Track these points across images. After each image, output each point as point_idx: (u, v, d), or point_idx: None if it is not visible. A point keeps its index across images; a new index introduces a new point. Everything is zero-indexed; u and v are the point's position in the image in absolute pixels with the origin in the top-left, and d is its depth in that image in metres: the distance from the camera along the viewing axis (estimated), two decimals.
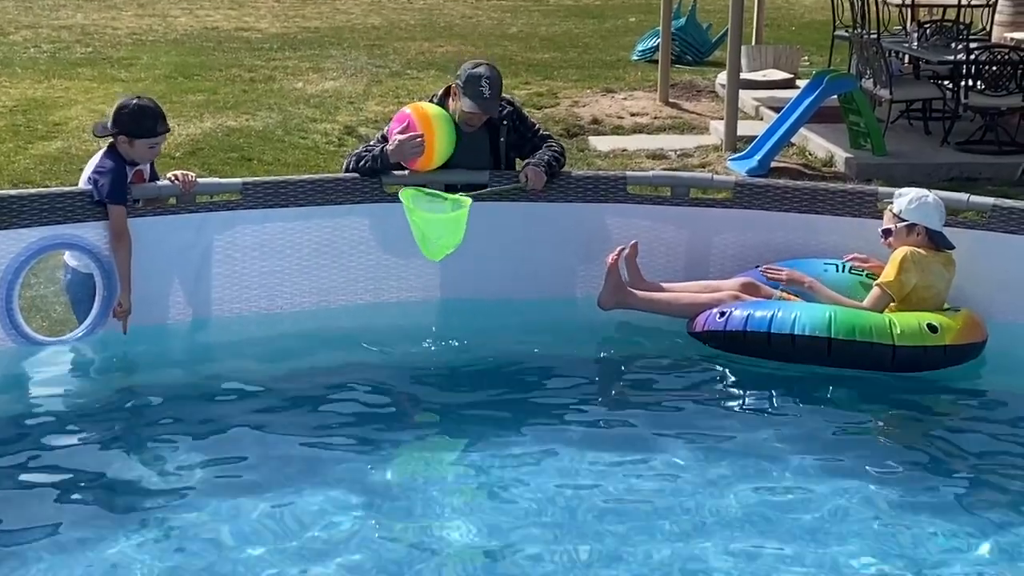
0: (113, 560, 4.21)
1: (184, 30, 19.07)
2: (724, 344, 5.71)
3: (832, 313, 5.48)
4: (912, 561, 4.26)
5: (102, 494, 4.69)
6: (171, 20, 20.17)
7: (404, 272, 6.23)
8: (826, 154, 10.92)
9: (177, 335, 5.94)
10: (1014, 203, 6.00)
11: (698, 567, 4.22)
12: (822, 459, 4.97)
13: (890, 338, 5.42)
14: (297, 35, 18.77)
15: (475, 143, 6.14)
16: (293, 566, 4.18)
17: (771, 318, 5.53)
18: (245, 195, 6.01)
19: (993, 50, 11.19)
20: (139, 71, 15.22)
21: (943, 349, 5.49)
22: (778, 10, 21.14)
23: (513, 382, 5.76)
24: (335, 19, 20.91)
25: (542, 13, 22.06)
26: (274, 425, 5.23)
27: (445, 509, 4.60)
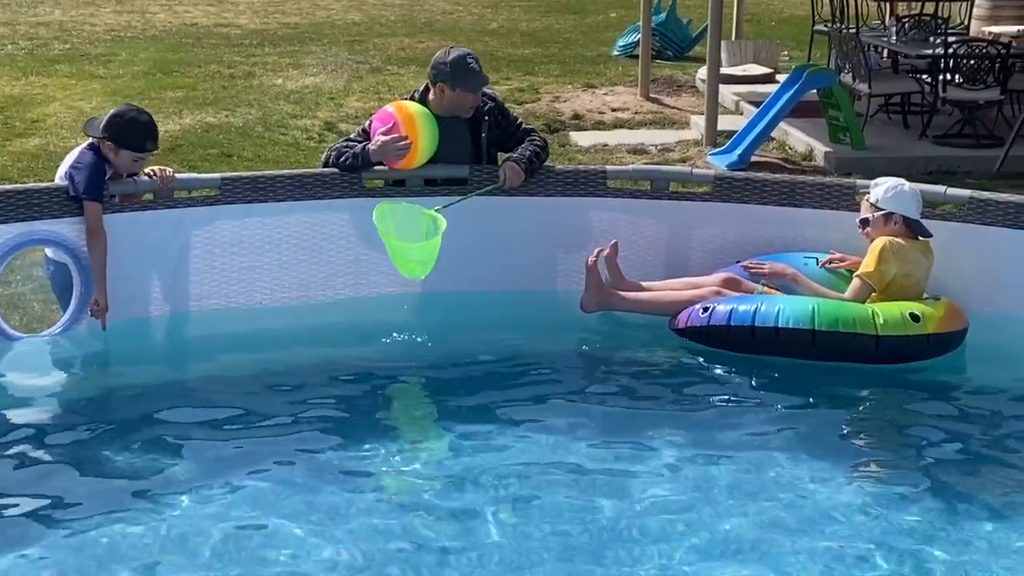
0: (94, 553, 4.20)
1: (163, 26, 19.02)
2: (707, 339, 5.71)
3: (815, 305, 5.49)
4: (898, 551, 4.26)
5: (80, 488, 4.67)
6: (150, 16, 20.11)
7: (384, 266, 6.20)
8: (806, 148, 10.95)
9: (156, 330, 5.93)
10: (991, 195, 6.03)
11: (679, 560, 4.22)
12: (810, 453, 4.97)
13: (873, 328, 5.45)
14: (277, 31, 18.74)
15: (457, 137, 6.14)
16: (273, 561, 4.17)
17: (755, 311, 5.54)
18: (224, 191, 6.00)
19: (971, 44, 11.24)
20: (118, 68, 15.16)
21: (926, 338, 5.52)
22: (758, 5, 21.19)
23: (494, 375, 5.75)
24: (315, 15, 20.87)
25: (523, 8, 22.06)
26: (254, 419, 5.22)
27: (427, 501, 4.58)
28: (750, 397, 5.57)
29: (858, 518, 4.48)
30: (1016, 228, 5.84)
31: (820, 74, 10.92)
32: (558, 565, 4.16)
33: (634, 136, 11.72)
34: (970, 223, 5.90)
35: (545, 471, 4.82)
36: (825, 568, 4.15)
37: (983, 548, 4.28)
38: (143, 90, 13.54)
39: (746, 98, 12.80)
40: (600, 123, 12.38)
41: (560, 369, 5.83)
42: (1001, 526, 4.42)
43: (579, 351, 6.06)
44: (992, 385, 5.69)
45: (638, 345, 5.96)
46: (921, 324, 5.49)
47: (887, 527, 4.40)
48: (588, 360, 6.02)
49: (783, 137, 11.37)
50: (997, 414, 5.43)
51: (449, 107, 6.12)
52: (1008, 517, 4.49)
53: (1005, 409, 5.47)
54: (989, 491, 4.70)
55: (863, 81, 11.26)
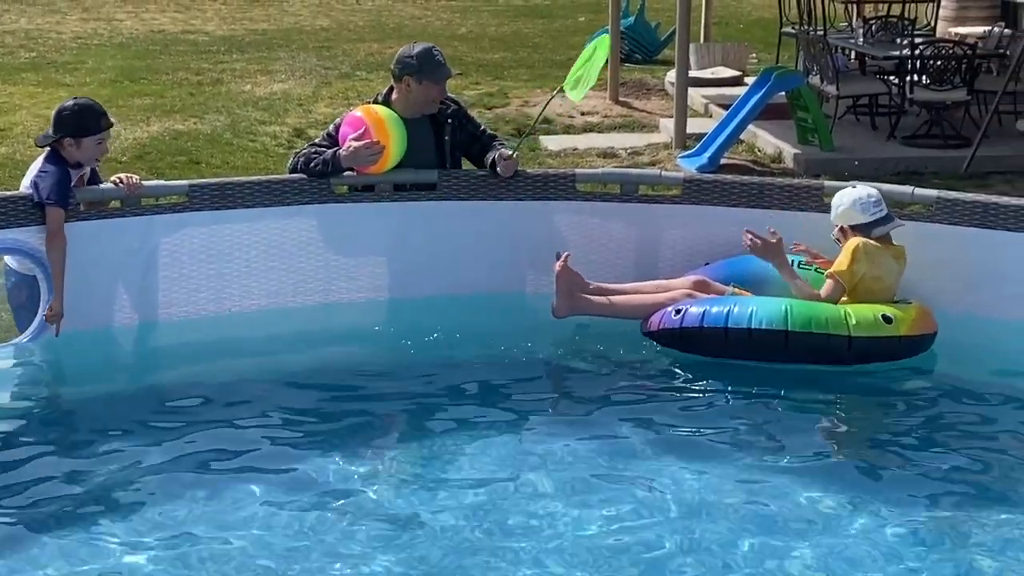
0: (56, 567, 4.17)
1: (130, 33, 18.94)
2: (680, 342, 5.71)
3: (788, 306, 5.50)
4: (866, 552, 4.27)
5: (47, 500, 4.62)
6: (116, 24, 20.03)
7: (354, 272, 6.22)
8: (775, 150, 11.00)
9: (124, 339, 5.90)
10: (958, 195, 6.06)
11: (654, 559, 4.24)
12: (790, 455, 4.99)
13: (846, 329, 5.46)
14: (245, 37, 18.69)
15: (421, 139, 6.13)
16: (247, 569, 4.15)
17: (727, 313, 5.54)
18: (192, 197, 5.98)
19: (937, 45, 11.32)
20: (84, 75, 15.09)
21: (898, 340, 5.55)
22: (726, 8, 21.28)
23: (465, 380, 5.72)
24: (283, 21, 20.84)
25: (491, 13, 22.08)
26: (224, 427, 5.18)
27: (396, 505, 4.57)
28: (722, 401, 5.56)
29: (837, 522, 4.47)
30: (983, 227, 5.88)
31: (788, 76, 10.97)
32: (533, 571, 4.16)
33: (604, 140, 11.75)
34: (938, 223, 5.93)
35: (516, 477, 4.81)
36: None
37: (960, 548, 4.30)
38: (110, 98, 13.46)
39: (715, 101, 12.84)
40: (570, 127, 12.39)
41: (531, 372, 5.82)
42: (975, 520, 4.45)
43: (550, 354, 6.03)
44: (962, 384, 5.69)
45: (609, 348, 5.95)
46: (893, 326, 5.51)
47: (863, 528, 4.41)
48: (559, 364, 6.01)
49: (752, 139, 11.41)
50: (969, 413, 5.46)
51: (415, 104, 6.11)
52: (982, 510, 4.53)
53: (976, 408, 5.49)
54: (966, 489, 4.74)
55: (831, 83, 11.32)
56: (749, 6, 22.54)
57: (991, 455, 5.02)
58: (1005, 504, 4.60)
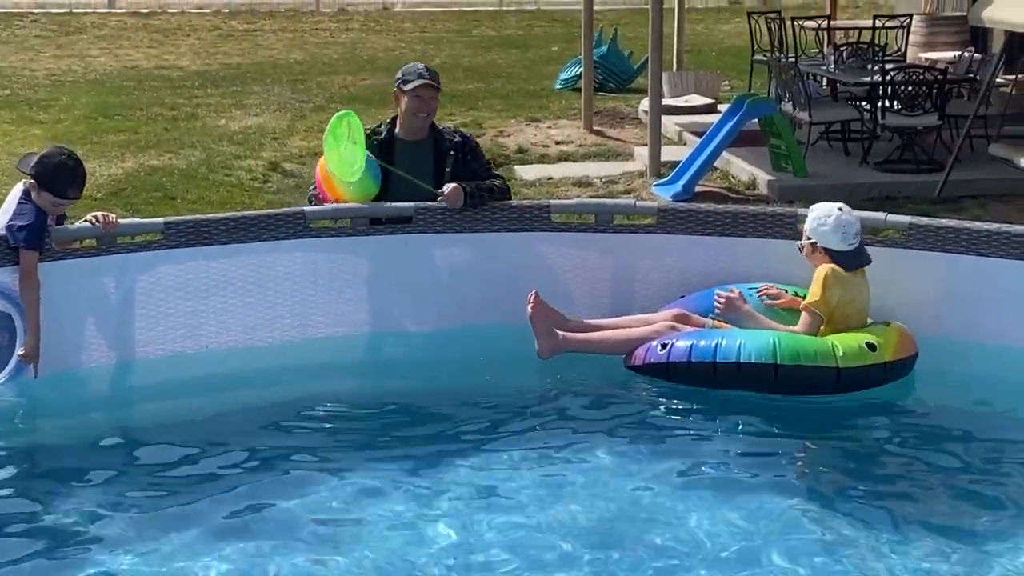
0: None
1: (104, 70, 18.91)
2: (667, 375, 5.69)
3: (776, 339, 5.51)
4: None
5: (23, 539, 4.60)
6: (90, 60, 20.00)
7: (331, 307, 6.22)
8: (749, 177, 11.04)
9: (100, 379, 5.88)
10: (930, 221, 6.12)
11: None
12: (780, 481, 5.03)
13: (833, 360, 5.47)
14: (219, 72, 18.69)
15: (419, 166, 6.19)
16: None
17: (715, 347, 5.54)
18: (167, 235, 5.98)
19: (908, 70, 11.39)
20: (58, 112, 15.05)
21: (883, 366, 5.57)
22: (698, 36, 21.41)
23: (444, 413, 5.72)
24: (257, 55, 20.84)
25: (465, 44, 22.16)
26: (202, 465, 5.17)
27: (376, 544, 4.55)
28: (705, 427, 5.56)
29: (818, 547, 4.49)
30: (956, 252, 5.93)
31: (761, 104, 11.02)
32: None
33: (579, 169, 11.78)
34: (911, 248, 5.99)
35: (499, 505, 4.82)
36: None
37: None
38: (84, 134, 13.44)
39: (688, 128, 12.89)
40: (544, 156, 12.43)
41: (510, 405, 5.81)
42: (962, 542, 4.48)
43: (530, 386, 6.02)
44: (939, 404, 5.75)
45: (590, 378, 5.95)
46: (878, 353, 5.54)
47: (853, 554, 4.42)
48: (539, 396, 5.98)
49: (726, 167, 11.46)
50: (943, 433, 5.51)
51: (408, 118, 6.21)
52: (967, 532, 4.58)
53: (955, 430, 5.54)
54: (950, 511, 4.78)
55: (803, 110, 11.39)
56: (721, 34, 22.69)
57: (983, 478, 5.09)
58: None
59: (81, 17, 25.87)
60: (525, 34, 23.64)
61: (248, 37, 23.15)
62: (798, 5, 23.80)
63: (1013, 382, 5.81)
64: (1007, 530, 4.62)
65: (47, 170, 5.58)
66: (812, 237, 5.75)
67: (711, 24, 24.13)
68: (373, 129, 6.33)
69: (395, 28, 24.68)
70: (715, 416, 5.59)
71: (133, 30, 24.00)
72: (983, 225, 6.05)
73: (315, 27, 24.61)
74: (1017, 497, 4.87)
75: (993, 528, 4.64)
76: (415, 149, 6.24)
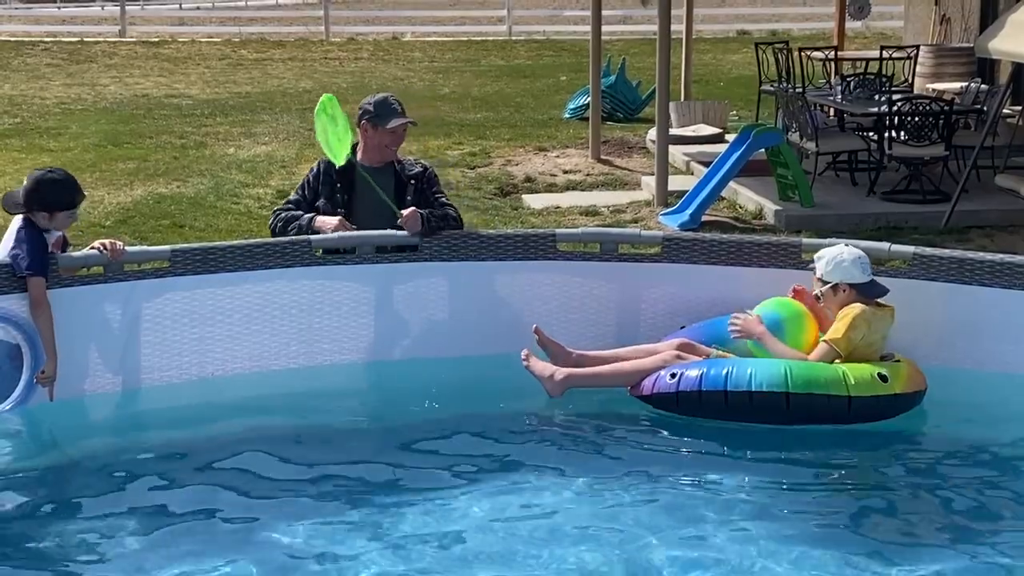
0: None
1: (114, 98, 19.03)
2: (676, 406, 5.67)
3: (787, 367, 5.49)
4: None
5: (32, 564, 4.62)
6: (100, 88, 20.12)
7: (337, 335, 6.24)
8: (756, 207, 11.07)
9: (107, 406, 5.90)
10: (934, 251, 6.14)
11: None
12: (788, 512, 5.03)
13: (845, 389, 5.46)
14: (228, 100, 18.79)
15: (376, 196, 6.19)
16: None
17: (727, 376, 5.52)
18: (174, 262, 6.01)
19: (915, 101, 11.42)
20: (68, 140, 15.15)
21: (894, 398, 5.57)
22: (706, 66, 21.48)
23: (451, 439, 5.73)
24: (266, 84, 20.95)
25: (474, 73, 22.25)
26: (208, 491, 5.18)
27: (383, 568, 4.56)
28: (708, 454, 5.59)
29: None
30: (960, 283, 5.95)
31: (768, 133, 11.06)
32: None
33: (586, 198, 11.82)
34: (915, 279, 6.00)
35: (498, 535, 4.82)
36: None
37: None
38: (94, 162, 13.53)
39: (696, 158, 12.92)
40: (552, 185, 12.47)
41: (515, 431, 5.82)
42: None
43: (534, 413, 6.02)
44: (944, 435, 5.75)
45: (594, 406, 5.95)
46: (889, 384, 5.54)
47: None
48: (543, 424, 5.98)
49: (733, 196, 11.48)
50: (951, 463, 5.53)
51: (372, 149, 6.25)
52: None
53: (958, 457, 5.56)
54: (958, 539, 4.80)
55: (810, 140, 11.42)
56: (729, 64, 22.75)
57: (981, 499, 5.13)
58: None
59: (92, 46, 26.05)
60: (534, 64, 23.74)
61: (258, 66, 23.28)
62: (806, 36, 23.89)
63: (1017, 409, 5.82)
64: (1006, 552, 4.64)
65: (48, 194, 5.60)
66: (831, 279, 5.71)
67: (719, 54, 24.20)
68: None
69: (404, 57, 24.81)
70: (721, 444, 5.59)
71: (143, 59, 24.16)
72: (986, 255, 6.07)
73: (325, 56, 24.75)
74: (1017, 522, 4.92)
75: (993, 549, 4.66)
76: (377, 176, 6.25)
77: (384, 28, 29.34)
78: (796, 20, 28.20)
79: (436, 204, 6.33)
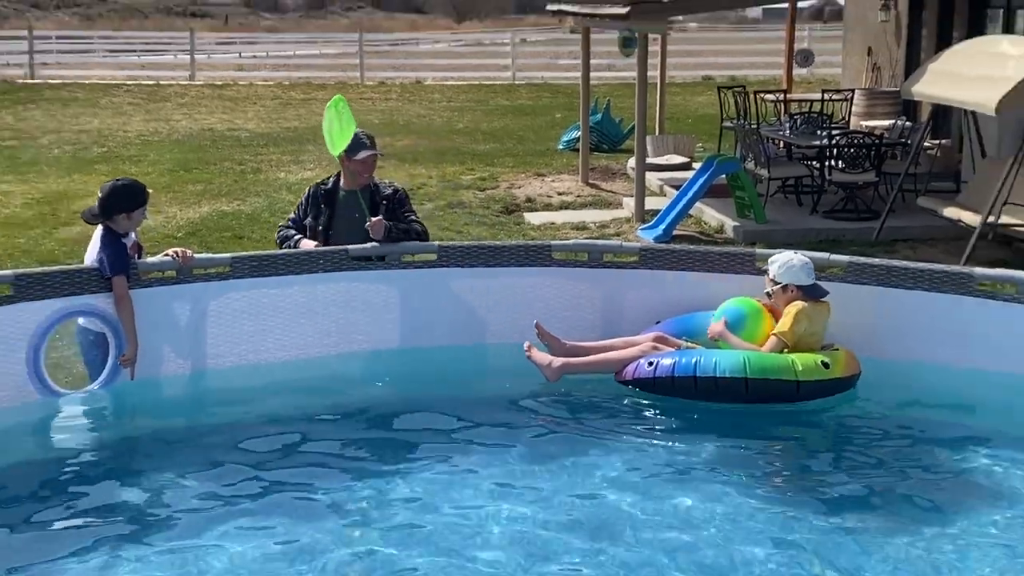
0: None
1: (184, 131, 19.03)
2: (653, 389, 5.67)
3: (746, 357, 5.52)
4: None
5: (114, 523, 4.62)
6: (173, 123, 20.13)
7: (368, 327, 6.25)
8: (718, 223, 11.07)
9: (178, 385, 5.91)
10: (866, 260, 6.14)
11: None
12: (744, 475, 5.01)
13: (794, 375, 5.49)
14: (279, 133, 18.79)
15: (358, 210, 6.13)
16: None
17: (695, 364, 5.53)
18: (234, 267, 6.02)
19: (851, 135, 11.44)
20: (146, 166, 15.16)
21: (834, 381, 5.59)
22: (676, 107, 21.45)
23: (466, 414, 5.66)
24: (311, 120, 20.93)
25: (484, 112, 22.25)
26: (264, 460, 5.17)
27: (414, 537, 4.50)
28: (679, 428, 5.57)
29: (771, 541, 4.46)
30: (888, 287, 5.95)
31: (728, 162, 11.07)
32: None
33: (577, 215, 11.82)
34: (851, 283, 6.00)
35: (516, 497, 4.79)
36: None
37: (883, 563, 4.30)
38: (168, 184, 13.54)
39: (668, 182, 12.93)
40: (548, 205, 12.47)
41: (516, 409, 5.78)
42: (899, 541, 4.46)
43: (534, 394, 5.97)
44: (876, 414, 5.73)
45: (584, 390, 5.92)
46: (831, 370, 5.56)
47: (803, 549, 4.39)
48: (542, 402, 5.94)
49: (699, 214, 11.49)
50: (881, 436, 5.52)
51: (350, 176, 6.18)
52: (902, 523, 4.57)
53: (887, 432, 5.55)
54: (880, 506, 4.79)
55: (763, 167, 11.43)
56: (695, 104, 22.73)
57: (901, 463, 5.17)
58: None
59: (166, 88, 26.06)
60: (533, 103, 23.71)
61: (304, 105, 23.27)
62: (760, 80, 23.85)
63: (936, 393, 5.83)
64: (929, 511, 4.68)
65: (122, 199, 5.57)
66: (781, 280, 5.73)
67: (687, 96, 24.18)
68: (322, 180, 6.33)
69: (426, 98, 24.79)
70: (689, 419, 5.58)
71: (209, 98, 24.16)
72: (910, 264, 6.07)
73: (360, 97, 24.73)
74: (931, 481, 4.97)
75: (905, 500, 4.71)
76: (354, 196, 6.16)
77: (409, 74, 29.31)
78: (752, 68, 28.16)
79: (404, 220, 6.24)
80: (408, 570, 4.21)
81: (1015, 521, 4.57)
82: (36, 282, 5.55)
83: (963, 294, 5.83)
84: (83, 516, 4.67)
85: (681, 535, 4.43)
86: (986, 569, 4.21)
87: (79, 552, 4.33)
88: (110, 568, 4.23)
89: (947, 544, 4.38)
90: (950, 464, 5.19)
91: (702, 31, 40.14)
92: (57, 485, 4.97)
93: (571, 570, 4.20)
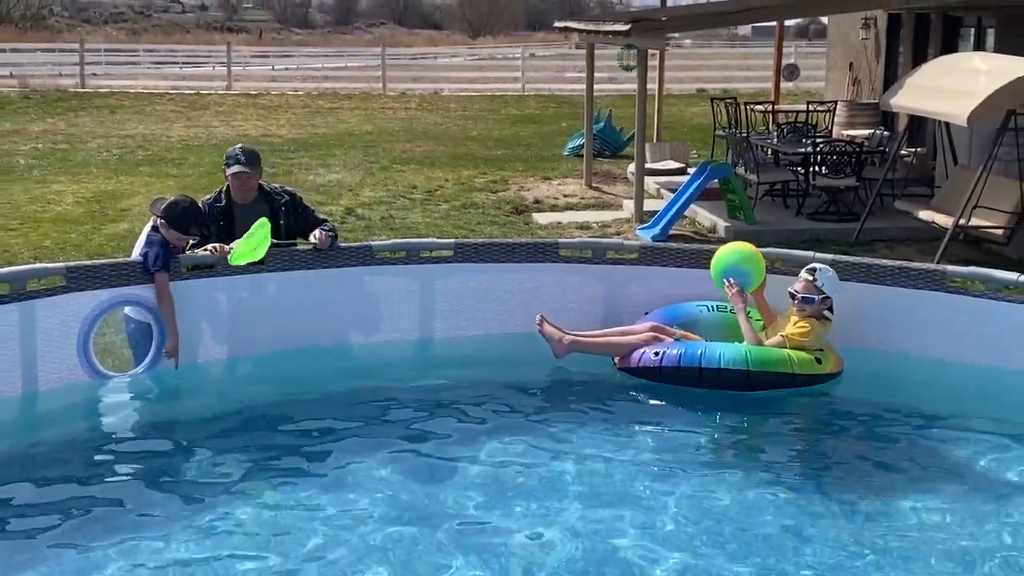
0: (170, 551, 4.17)
1: (222, 137, 19.04)
2: (658, 377, 5.61)
3: (747, 350, 5.50)
4: (787, 549, 4.21)
5: (158, 494, 4.64)
6: (212, 129, 20.15)
7: (390, 318, 6.24)
8: (711, 223, 11.05)
9: (216, 369, 5.91)
10: (848, 258, 6.11)
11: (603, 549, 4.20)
12: (744, 452, 5.05)
13: (791, 368, 5.49)
14: (309, 139, 18.79)
15: (256, 220, 5.78)
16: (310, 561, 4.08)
17: (701, 355, 5.49)
18: (267, 262, 5.99)
19: (833, 144, 11.41)
20: (187, 168, 15.18)
21: (824, 375, 5.60)
22: (673, 117, 21.40)
23: (482, 395, 5.64)
24: (338, 127, 20.96)
25: (495, 120, 22.22)
26: (292, 435, 5.18)
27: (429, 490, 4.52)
28: (683, 412, 5.52)
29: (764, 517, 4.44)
30: (868, 283, 5.92)
31: (720, 167, 11.05)
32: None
33: (581, 216, 11.80)
34: None
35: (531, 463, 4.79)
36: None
37: (870, 544, 4.27)
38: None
39: (665, 186, 12.89)
40: (555, 206, 12.45)
41: (528, 392, 5.76)
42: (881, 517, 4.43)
43: (544, 378, 5.95)
44: (856, 399, 5.70)
45: (588, 373, 5.89)
46: (823, 365, 5.57)
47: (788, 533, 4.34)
48: (551, 384, 5.92)
49: (693, 215, 11.46)
50: (865, 418, 5.51)
51: (234, 190, 5.86)
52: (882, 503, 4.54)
53: (870, 414, 5.54)
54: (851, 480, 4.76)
55: (753, 172, 11.40)
56: (690, 114, 22.68)
57: (883, 443, 5.17)
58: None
59: (206, 97, 26.08)
60: (541, 113, 23.68)
61: (331, 113, 23.27)
62: (750, 93, 23.78)
63: (911, 379, 5.81)
64: (906, 484, 4.67)
65: (175, 213, 5.56)
66: (827, 292, 5.60)
67: (683, 107, 24.12)
68: (214, 198, 5.87)
69: (443, 108, 24.77)
70: (692, 405, 5.55)
71: (245, 107, 24.17)
72: (888, 262, 6.04)
73: (382, 107, 24.73)
74: (912, 459, 4.97)
75: (896, 481, 4.69)
76: (251, 210, 5.88)
77: (428, 85, 29.29)
78: (742, 81, 28.09)
79: (319, 221, 6.06)
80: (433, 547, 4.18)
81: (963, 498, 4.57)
82: (86, 274, 5.55)
83: (936, 290, 5.80)
84: (128, 488, 4.68)
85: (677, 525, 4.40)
86: (979, 543, 4.19)
87: (126, 522, 4.33)
88: (155, 536, 4.22)
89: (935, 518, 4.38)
90: (925, 444, 5.19)
91: (696, 47, 40.06)
92: (104, 460, 4.98)
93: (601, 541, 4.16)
